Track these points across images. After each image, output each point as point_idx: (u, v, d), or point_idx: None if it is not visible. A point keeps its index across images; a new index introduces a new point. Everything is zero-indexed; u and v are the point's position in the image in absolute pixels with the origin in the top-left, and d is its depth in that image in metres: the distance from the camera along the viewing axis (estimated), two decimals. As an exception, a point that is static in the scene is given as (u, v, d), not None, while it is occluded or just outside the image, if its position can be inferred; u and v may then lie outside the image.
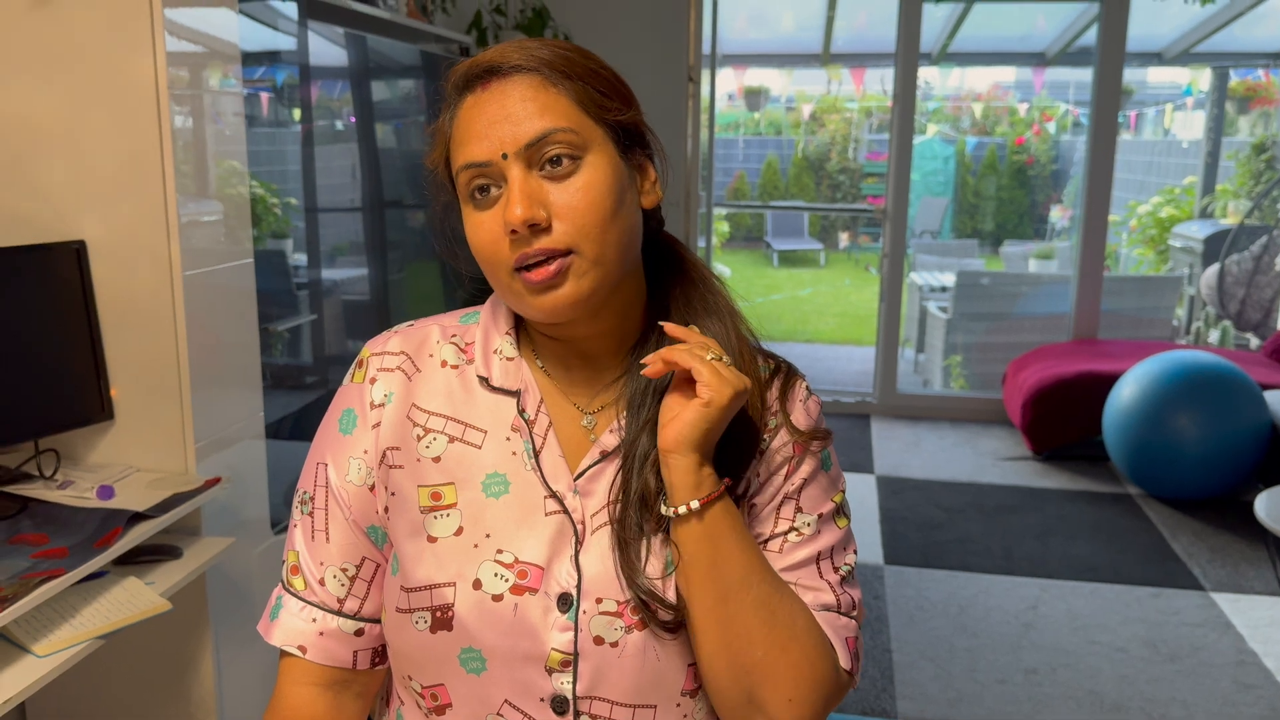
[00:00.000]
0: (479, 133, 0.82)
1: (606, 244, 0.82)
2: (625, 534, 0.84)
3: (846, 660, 0.86)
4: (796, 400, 0.91)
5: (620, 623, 0.83)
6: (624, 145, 0.85)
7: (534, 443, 0.87)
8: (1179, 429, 3.83)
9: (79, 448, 1.84)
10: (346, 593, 0.91)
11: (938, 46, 7.09)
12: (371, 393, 0.91)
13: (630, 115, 0.86)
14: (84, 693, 1.92)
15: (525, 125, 0.81)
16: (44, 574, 1.40)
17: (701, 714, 0.88)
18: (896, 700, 2.61)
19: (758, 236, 11.86)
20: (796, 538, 0.88)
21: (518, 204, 0.79)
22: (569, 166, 0.81)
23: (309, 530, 0.92)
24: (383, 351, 0.93)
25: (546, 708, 0.84)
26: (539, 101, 0.81)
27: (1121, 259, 7.50)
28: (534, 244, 0.80)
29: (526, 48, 0.83)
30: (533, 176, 0.81)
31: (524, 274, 0.81)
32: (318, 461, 0.92)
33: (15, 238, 1.76)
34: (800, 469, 0.89)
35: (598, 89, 0.84)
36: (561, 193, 0.81)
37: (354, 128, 2.83)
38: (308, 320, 2.69)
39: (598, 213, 0.81)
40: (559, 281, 0.81)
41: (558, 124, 0.81)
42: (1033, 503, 4.04)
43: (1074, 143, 10.19)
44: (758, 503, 0.88)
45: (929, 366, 5.93)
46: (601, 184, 0.81)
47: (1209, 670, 2.77)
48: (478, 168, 0.82)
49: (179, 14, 1.74)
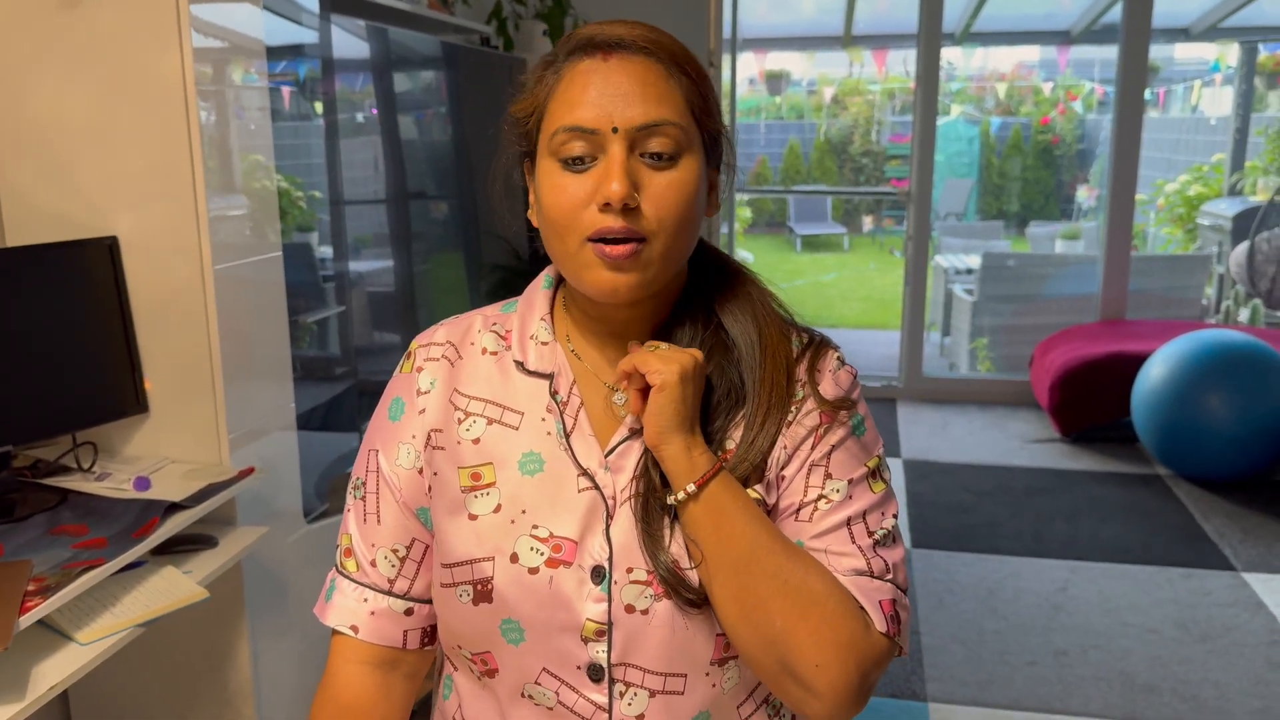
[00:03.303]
0: (592, 99, 0.82)
1: (677, 242, 0.85)
2: (648, 511, 0.86)
3: (881, 623, 0.84)
4: (826, 371, 0.92)
5: (650, 590, 0.86)
6: (709, 154, 0.88)
7: (565, 423, 0.89)
8: (1209, 409, 3.79)
9: (115, 440, 1.87)
10: (397, 573, 0.94)
11: (960, 26, 7.03)
12: (419, 381, 0.94)
13: (722, 129, 0.89)
14: (124, 681, 1.96)
15: (642, 107, 0.82)
16: (85, 564, 1.43)
17: (731, 684, 0.89)
18: (926, 683, 2.61)
19: (780, 221, 11.81)
20: (826, 505, 0.88)
21: (619, 180, 0.81)
22: (669, 160, 0.83)
23: (361, 514, 0.95)
24: (429, 343, 0.96)
25: (583, 675, 0.87)
26: (659, 88, 0.83)
27: (1149, 238, 7.43)
28: (620, 221, 0.82)
29: (654, 31, 0.85)
30: (633, 157, 0.83)
31: (599, 245, 0.83)
32: (369, 449, 0.96)
33: (50, 235, 1.79)
34: (828, 436, 0.89)
35: (705, 94, 0.86)
36: (655, 183, 0.83)
37: (377, 120, 2.84)
38: (335, 312, 2.71)
39: (681, 211, 0.84)
40: (629, 265, 0.83)
41: (673, 117, 0.83)
42: (1062, 485, 4.02)
43: (1100, 121, 10.08)
44: (787, 473, 0.89)
45: (955, 349, 5.90)
46: (690, 185, 0.84)
47: (1241, 650, 2.75)
48: (582, 132, 0.83)
49: (204, 10, 1.76)
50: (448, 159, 3.21)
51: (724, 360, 0.90)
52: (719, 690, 0.89)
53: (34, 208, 1.82)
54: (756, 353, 0.90)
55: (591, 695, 0.87)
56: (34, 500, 1.63)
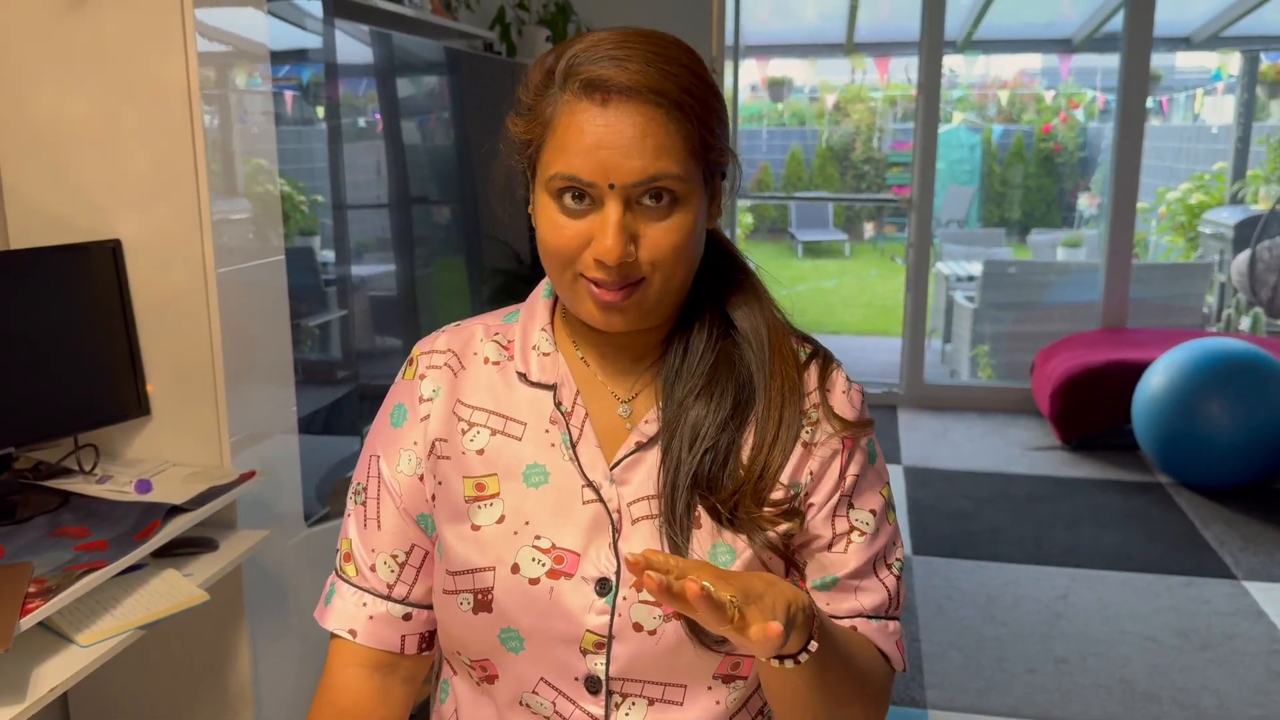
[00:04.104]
0: (588, 149, 0.79)
1: (676, 278, 0.84)
2: (673, 529, 0.85)
3: (899, 661, 0.92)
4: (838, 391, 0.92)
5: (659, 611, 0.85)
6: (709, 176, 0.86)
7: (570, 435, 0.89)
8: (1210, 417, 3.79)
9: (117, 443, 1.87)
10: (396, 578, 0.94)
11: (962, 34, 7.04)
12: (421, 388, 0.94)
13: (727, 155, 0.86)
14: (125, 683, 1.96)
15: (639, 163, 0.79)
16: (86, 566, 1.43)
17: (734, 702, 0.89)
18: (925, 690, 2.61)
19: (782, 228, 11.82)
20: (860, 538, 0.90)
21: (614, 241, 0.79)
22: (667, 209, 0.81)
23: (361, 519, 0.95)
24: (431, 350, 0.96)
25: (580, 686, 0.87)
26: (657, 139, 0.79)
27: (1151, 246, 7.43)
28: (614, 275, 0.81)
29: (653, 68, 0.80)
30: (630, 209, 0.81)
31: (593, 286, 0.82)
32: (371, 454, 0.96)
33: (53, 238, 1.79)
34: (850, 465, 0.90)
35: (711, 129, 0.83)
36: (652, 229, 0.81)
37: (379, 125, 2.85)
38: (337, 316, 2.72)
39: (679, 254, 0.83)
40: (623, 304, 0.83)
41: (672, 169, 0.80)
42: (1062, 492, 4.01)
43: (1101, 130, 10.09)
44: (815, 502, 0.89)
45: (956, 357, 5.90)
46: (689, 227, 0.82)
47: (1241, 659, 2.75)
48: (579, 183, 0.80)
49: (209, 14, 1.76)
50: (450, 164, 3.22)
51: (736, 359, 0.90)
52: (722, 707, 0.89)
53: (37, 210, 1.82)
54: (766, 350, 0.90)
55: (588, 707, 0.87)
56: (35, 502, 1.63)
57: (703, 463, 0.86)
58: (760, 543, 0.85)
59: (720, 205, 0.91)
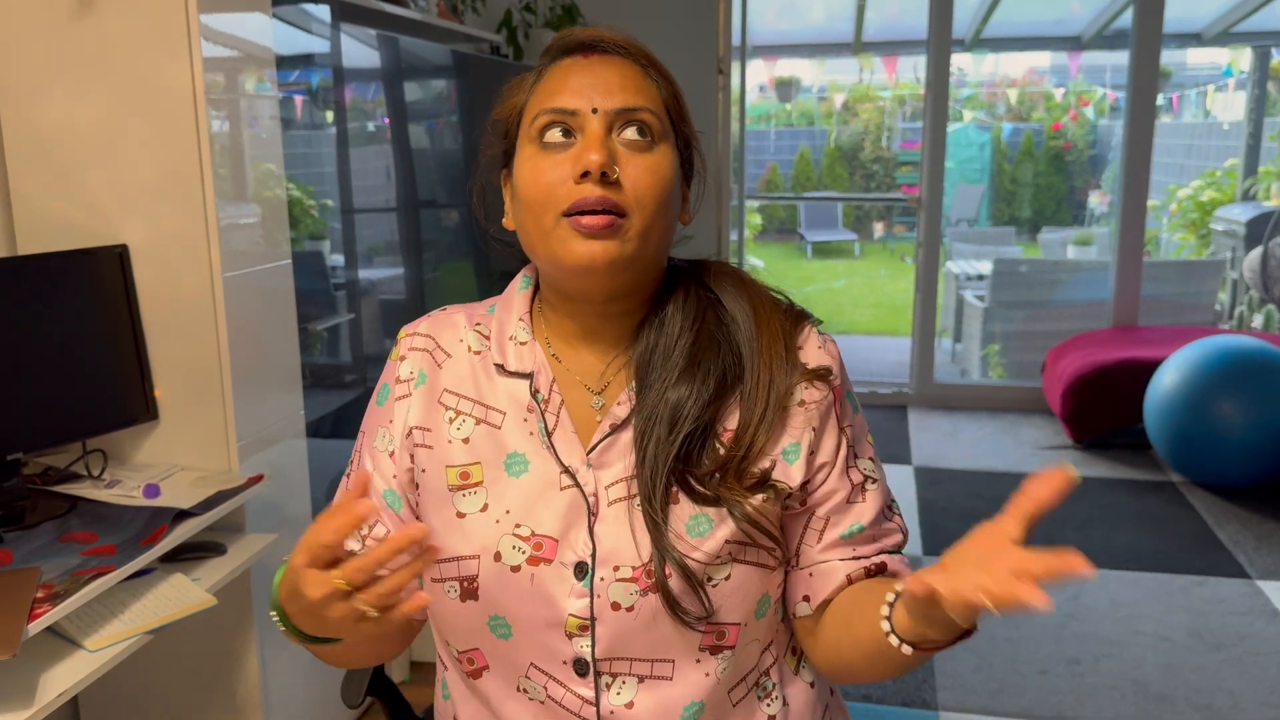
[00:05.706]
0: (573, 88, 0.87)
1: (655, 224, 0.86)
2: (651, 508, 0.86)
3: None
4: (812, 346, 0.94)
5: (635, 587, 0.86)
6: (682, 159, 0.91)
7: (546, 422, 0.91)
8: (1222, 415, 3.77)
9: (125, 448, 1.87)
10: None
11: (971, 32, 7.02)
12: (399, 369, 0.97)
13: (694, 135, 0.93)
14: (133, 688, 1.96)
15: (621, 95, 0.87)
16: (94, 570, 1.43)
17: (726, 674, 0.90)
18: (937, 692, 2.59)
19: (791, 228, 11.79)
20: (872, 485, 0.93)
21: (597, 150, 0.84)
22: (647, 143, 0.87)
23: (343, 490, 0.99)
24: (413, 333, 0.99)
25: (569, 669, 0.89)
26: (637, 82, 0.88)
27: (1162, 244, 7.39)
28: (598, 191, 0.84)
29: (631, 38, 0.91)
30: (611, 139, 0.86)
31: (576, 218, 0.84)
32: (361, 430, 1.00)
33: (61, 243, 1.80)
34: (843, 414, 0.93)
35: (679, 99, 0.92)
36: (633, 164, 0.86)
37: (387, 128, 2.85)
38: (346, 320, 2.72)
39: (659, 192, 0.86)
40: (607, 234, 0.84)
41: (650, 106, 0.88)
42: (1074, 492, 3.98)
43: (1112, 127, 10.04)
44: (824, 462, 0.92)
45: (966, 356, 5.88)
46: (667, 172, 0.87)
47: (1255, 659, 2.73)
48: (562, 113, 0.86)
49: (214, 20, 1.76)
50: (458, 167, 3.22)
51: (721, 338, 0.91)
52: (713, 679, 0.89)
53: (45, 216, 1.83)
54: (752, 325, 0.92)
55: (578, 689, 0.89)
56: (44, 507, 1.64)
57: (682, 444, 0.87)
58: (739, 515, 0.87)
59: (690, 211, 0.95)
